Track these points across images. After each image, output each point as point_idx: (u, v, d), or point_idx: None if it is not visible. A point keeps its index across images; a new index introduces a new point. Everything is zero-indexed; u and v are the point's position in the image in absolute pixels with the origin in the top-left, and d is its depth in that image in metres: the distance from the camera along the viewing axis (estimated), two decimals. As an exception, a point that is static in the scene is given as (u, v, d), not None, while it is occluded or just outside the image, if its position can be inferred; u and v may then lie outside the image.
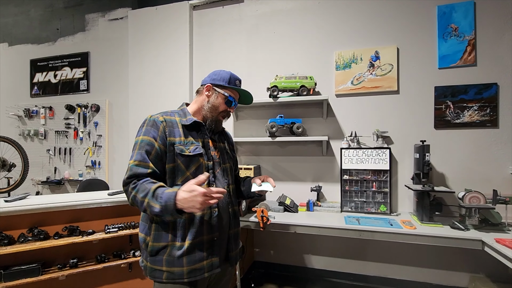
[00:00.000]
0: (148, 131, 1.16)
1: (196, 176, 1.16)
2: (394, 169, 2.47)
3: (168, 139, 1.16)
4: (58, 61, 3.71)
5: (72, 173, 3.61)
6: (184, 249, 1.13)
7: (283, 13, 2.82)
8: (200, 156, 1.20)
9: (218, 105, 1.27)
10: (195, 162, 1.19)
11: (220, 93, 1.28)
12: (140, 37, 3.22)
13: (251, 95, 1.39)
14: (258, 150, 2.89)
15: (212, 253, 1.19)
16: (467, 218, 1.96)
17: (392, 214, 2.32)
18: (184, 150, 1.17)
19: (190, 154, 1.18)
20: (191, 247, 1.14)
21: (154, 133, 1.15)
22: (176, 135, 1.19)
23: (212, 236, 1.20)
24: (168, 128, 1.18)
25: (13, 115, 3.80)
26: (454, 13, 2.34)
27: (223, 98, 1.28)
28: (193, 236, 1.15)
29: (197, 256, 1.15)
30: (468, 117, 2.31)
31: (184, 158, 1.17)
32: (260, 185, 1.31)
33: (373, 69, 2.52)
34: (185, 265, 1.13)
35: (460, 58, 2.33)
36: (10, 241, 1.76)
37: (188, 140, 1.20)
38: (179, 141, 1.18)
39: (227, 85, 1.27)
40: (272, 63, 2.84)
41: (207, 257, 1.17)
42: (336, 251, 2.69)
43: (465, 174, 2.32)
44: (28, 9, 3.88)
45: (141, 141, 1.14)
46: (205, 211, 1.19)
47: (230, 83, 1.28)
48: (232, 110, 1.33)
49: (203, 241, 1.17)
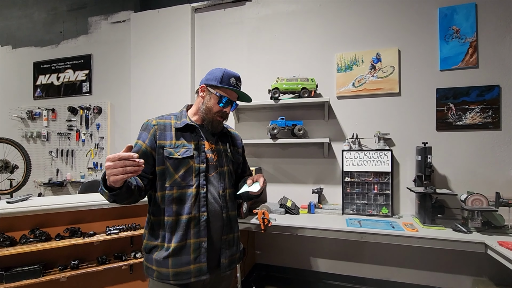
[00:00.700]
0: (140, 134, 1.21)
1: (184, 178, 1.18)
2: (396, 171, 2.46)
3: (158, 142, 1.18)
4: (61, 64, 3.74)
5: (74, 175, 3.62)
6: (170, 251, 1.14)
7: (284, 15, 2.83)
8: (190, 158, 1.19)
9: (212, 106, 1.24)
10: (184, 165, 1.18)
11: (213, 93, 1.24)
12: (142, 40, 3.24)
13: (247, 95, 1.31)
14: (259, 152, 2.89)
15: (199, 258, 1.16)
16: (470, 221, 1.95)
17: (394, 216, 2.30)
18: (173, 153, 1.17)
19: (179, 157, 1.17)
20: (176, 250, 1.14)
21: (144, 136, 1.20)
22: (167, 138, 1.20)
23: (200, 241, 1.16)
24: (160, 131, 1.20)
25: (16, 117, 3.83)
26: (456, 15, 2.34)
27: (215, 99, 1.23)
28: (179, 239, 1.14)
29: (183, 260, 1.14)
30: (470, 119, 2.30)
31: (172, 160, 1.17)
32: (250, 185, 1.23)
33: (374, 71, 2.52)
34: (171, 267, 1.14)
35: (462, 60, 2.32)
36: (12, 242, 1.77)
37: (179, 142, 1.20)
38: (170, 144, 1.19)
39: (219, 84, 1.23)
40: (273, 65, 2.85)
41: (194, 262, 1.15)
42: (337, 253, 2.67)
43: (467, 177, 2.31)
44: (32, 12, 3.92)
45: (135, 145, 1.18)
46: (192, 214, 1.16)
47: (223, 82, 1.23)
48: (228, 110, 1.28)
49: (189, 244, 1.15)
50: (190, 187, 1.18)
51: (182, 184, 1.17)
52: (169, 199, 1.16)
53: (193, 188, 1.18)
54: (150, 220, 1.22)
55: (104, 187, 0.99)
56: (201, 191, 1.19)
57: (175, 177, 1.17)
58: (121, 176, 0.91)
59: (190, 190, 1.17)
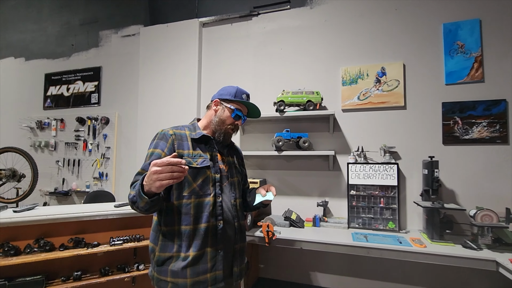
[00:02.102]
0: (158, 143, 1.22)
1: (202, 187, 1.20)
2: (402, 185, 2.43)
3: (176, 151, 1.20)
4: (72, 75, 3.84)
5: (80, 184, 3.64)
6: (189, 260, 1.14)
7: (290, 30, 2.89)
8: (207, 168, 1.23)
9: (225, 118, 1.31)
10: (202, 174, 1.21)
11: (227, 107, 1.32)
12: (151, 53, 3.32)
13: (258, 109, 1.41)
14: (264, 164, 2.89)
15: (216, 266, 1.18)
16: (480, 237, 1.90)
17: (400, 231, 2.26)
18: (192, 162, 1.20)
19: (198, 166, 1.21)
20: (195, 259, 1.15)
21: (162, 145, 1.21)
22: (184, 147, 1.23)
23: (216, 249, 1.19)
24: (177, 141, 1.23)
25: (26, 126, 3.90)
26: (460, 30, 2.36)
27: (229, 111, 1.31)
28: (198, 248, 1.16)
29: (200, 268, 1.16)
30: (477, 133, 2.28)
31: (191, 170, 1.19)
32: (264, 195, 1.31)
33: (379, 85, 2.54)
34: (189, 276, 1.14)
35: (467, 74, 2.33)
36: (16, 251, 1.77)
37: (196, 152, 1.24)
38: (188, 153, 1.22)
39: (233, 98, 1.32)
40: (279, 78, 2.89)
41: (211, 270, 1.17)
42: (342, 268, 2.61)
43: (475, 191, 2.27)
44: (46, 26, 4.06)
45: (151, 154, 1.20)
46: (210, 222, 1.19)
47: (236, 97, 1.32)
48: (239, 123, 1.35)
49: (207, 253, 1.17)
50: (208, 196, 1.21)
51: (200, 193, 1.20)
52: (187, 208, 1.18)
53: (210, 197, 1.21)
54: (161, 231, 1.21)
55: (142, 193, 1.00)
56: (217, 200, 1.23)
57: (193, 186, 1.19)
58: (167, 181, 0.93)
59: (208, 199, 1.20)
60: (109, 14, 3.72)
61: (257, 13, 3.03)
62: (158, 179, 0.93)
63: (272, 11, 2.97)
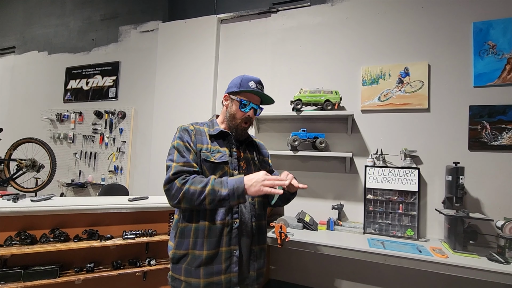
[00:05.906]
0: (182, 136, 1.21)
1: None
2: (423, 191, 2.32)
3: (197, 145, 1.20)
4: (91, 70, 3.91)
5: (95, 177, 3.71)
6: (202, 259, 1.11)
7: (309, 27, 2.82)
8: (225, 164, 1.21)
9: (235, 112, 1.26)
10: (220, 169, 1.19)
11: (234, 99, 1.27)
12: (169, 49, 3.33)
13: (268, 96, 1.28)
14: (278, 163, 2.84)
15: (230, 268, 1.14)
16: (507, 250, 1.78)
17: (420, 239, 2.16)
18: (210, 157, 1.19)
19: (216, 161, 1.19)
20: (209, 258, 1.12)
21: (188, 138, 1.20)
22: (204, 142, 1.22)
23: (231, 249, 1.15)
24: (197, 135, 1.23)
25: (46, 118, 4.01)
26: (492, 30, 2.23)
27: (237, 104, 1.25)
28: (212, 246, 1.13)
29: (214, 269, 1.12)
30: (507, 139, 2.14)
31: (209, 164, 1.18)
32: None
33: (402, 86, 2.43)
34: (202, 276, 1.11)
35: (498, 76, 2.19)
36: (33, 240, 1.80)
37: (214, 148, 1.23)
38: (206, 148, 1.21)
39: (238, 89, 1.25)
40: (296, 77, 2.82)
41: (225, 272, 1.13)
42: (356, 275, 2.53)
43: (503, 201, 2.13)
44: (68, 21, 4.16)
45: (179, 145, 1.18)
46: (226, 220, 1.16)
47: (241, 87, 1.25)
48: (251, 114, 1.26)
49: (221, 252, 1.13)
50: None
51: None
52: None
53: None
54: (178, 228, 1.20)
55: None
56: None
57: None
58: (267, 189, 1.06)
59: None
60: (129, 9, 3.76)
61: (276, 10, 2.97)
62: (266, 185, 1.05)
63: (292, 8, 2.91)
